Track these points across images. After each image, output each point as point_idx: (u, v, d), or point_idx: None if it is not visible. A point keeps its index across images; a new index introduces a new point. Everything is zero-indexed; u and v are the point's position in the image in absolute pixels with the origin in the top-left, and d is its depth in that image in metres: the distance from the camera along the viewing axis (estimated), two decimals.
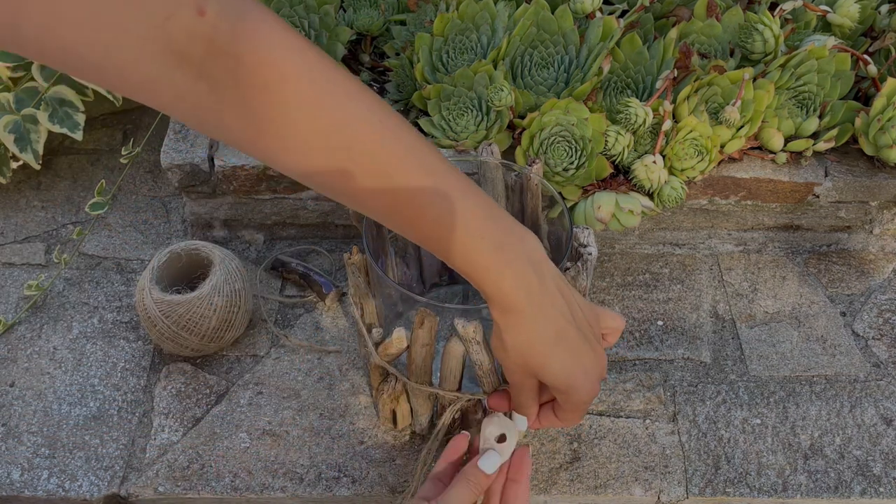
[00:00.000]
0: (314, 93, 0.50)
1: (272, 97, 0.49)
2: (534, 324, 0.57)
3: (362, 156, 0.53)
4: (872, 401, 0.80)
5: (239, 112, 0.49)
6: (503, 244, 0.56)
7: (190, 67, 0.46)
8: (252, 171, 0.87)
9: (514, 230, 0.57)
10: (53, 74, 0.94)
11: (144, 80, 0.45)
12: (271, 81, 0.49)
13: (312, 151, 0.52)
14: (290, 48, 0.49)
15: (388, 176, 0.54)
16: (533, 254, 0.57)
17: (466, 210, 0.55)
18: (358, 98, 0.53)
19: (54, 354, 0.83)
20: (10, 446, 0.76)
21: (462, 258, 0.56)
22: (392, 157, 0.54)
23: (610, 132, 0.83)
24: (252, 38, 0.47)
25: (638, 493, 0.73)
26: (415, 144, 0.55)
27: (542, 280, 0.57)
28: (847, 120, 0.89)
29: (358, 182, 0.54)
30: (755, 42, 0.87)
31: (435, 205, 0.55)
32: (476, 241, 0.55)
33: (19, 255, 0.93)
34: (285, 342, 0.85)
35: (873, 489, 0.74)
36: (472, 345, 0.62)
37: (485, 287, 0.56)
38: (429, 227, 0.56)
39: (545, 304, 0.57)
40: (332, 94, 0.52)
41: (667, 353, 0.85)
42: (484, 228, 0.56)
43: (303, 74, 0.50)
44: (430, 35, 0.90)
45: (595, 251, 0.69)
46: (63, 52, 0.42)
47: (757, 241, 0.95)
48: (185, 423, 0.78)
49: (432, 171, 0.55)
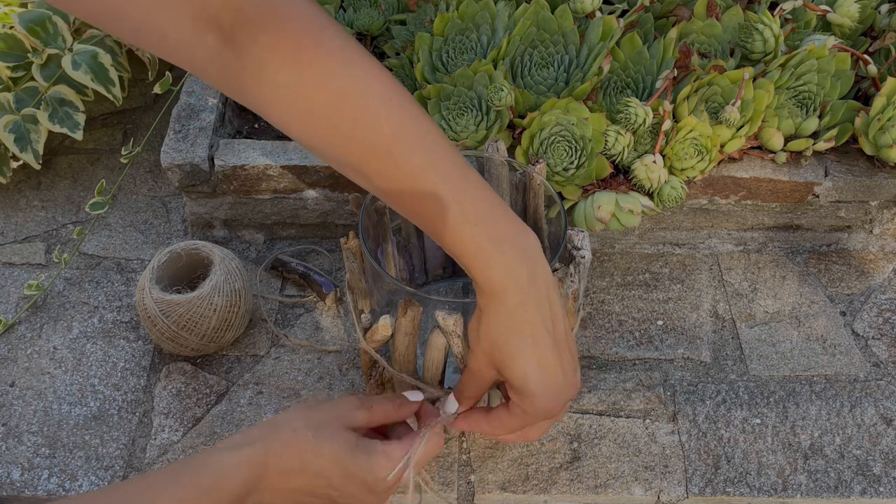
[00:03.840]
0: (329, 65, 0.53)
1: (290, 66, 0.52)
2: (512, 317, 0.57)
3: (366, 131, 0.54)
4: (872, 400, 0.81)
5: (259, 79, 0.53)
6: (498, 235, 0.56)
7: (220, 33, 0.51)
8: (252, 170, 0.87)
9: (513, 225, 0.58)
10: (53, 74, 0.94)
11: (180, 41, 0.50)
12: (290, 51, 0.52)
13: (318, 121, 0.55)
14: (311, 21, 0.52)
15: (391, 154, 0.55)
16: (528, 251, 0.57)
17: (465, 194, 0.56)
18: (371, 74, 0.55)
19: (54, 354, 0.83)
20: (10, 446, 0.76)
21: (453, 239, 0.57)
22: (397, 138, 0.55)
23: (610, 132, 0.83)
24: (277, 9, 0.51)
25: (638, 492, 0.73)
26: (422, 128, 0.56)
27: (532, 278, 0.57)
28: (847, 120, 0.89)
29: (359, 156, 0.56)
30: (755, 42, 0.87)
31: (432, 184, 0.55)
32: (470, 225, 0.56)
33: (19, 255, 0.93)
34: (285, 342, 0.85)
35: (873, 489, 0.74)
36: (453, 337, 0.63)
37: (473, 271, 0.57)
38: (422, 204, 0.57)
39: (528, 303, 0.57)
40: (347, 68, 0.54)
41: (667, 352, 0.85)
42: (479, 215, 0.56)
43: (319, 47, 0.53)
44: (430, 35, 0.90)
45: (589, 254, 0.69)
46: (110, 9, 0.47)
47: (757, 241, 0.95)
48: (185, 422, 0.78)
49: (435, 153, 0.56)
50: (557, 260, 0.68)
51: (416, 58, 0.91)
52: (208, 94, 0.94)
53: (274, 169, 0.87)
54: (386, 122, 0.54)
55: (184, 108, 0.92)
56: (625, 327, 0.87)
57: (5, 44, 0.93)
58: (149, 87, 1.08)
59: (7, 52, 0.94)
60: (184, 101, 0.93)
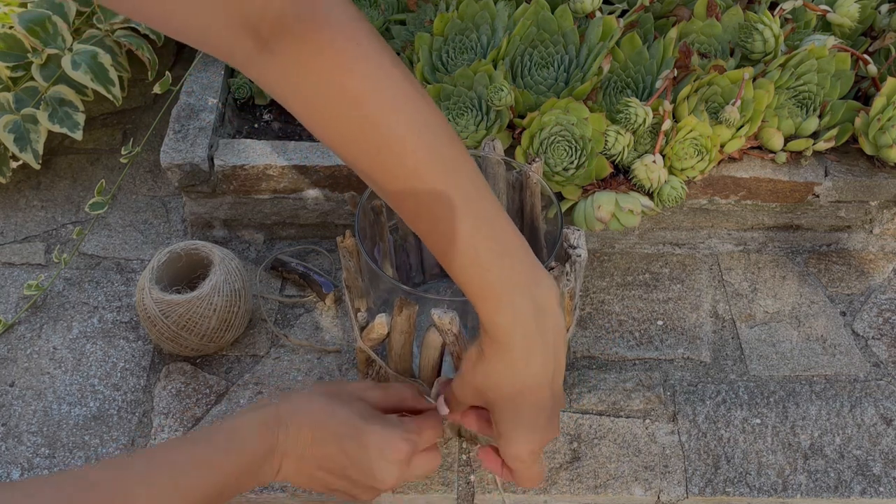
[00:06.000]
0: (360, 84, 0.54)
1: (325, 84, 0.54)
2: (511, 367, 0.56)
3: (390, 155, 0.55)
4: (872, 400, 0.80)
5: (290, 86, 0.55)
6: (513, 280, 0.55)
7: (258, 40, 0.53)
8: (252, 170, 0.87)
9: (530, 270, 0.56)
10: (53, 74, 0.94)
11: (222, 43, 0.53)
12: (326, 70, 0.53)
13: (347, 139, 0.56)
14: (350, 36, 0.54)
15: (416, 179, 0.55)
16: (541, 300, 0.56)
17: (483, 229, 0.55)
18: (409, 106, 0.55)
19: (54, 354, 0.83)
20: (10, 446, 0.76)
21: (463, 276, 0.56)
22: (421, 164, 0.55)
23: (610, 132, 0.83)
24: (318, 21, 0.53)
25: (638, 492, 0.73)
26: (449, 154, 0.56)
27: (541, 331, 0.56)
28: (847, 119, 0.89)
29: (379, 176, 0.56)
30: (755, 42, 0.87)
31: (450, 210, 0.55)
32: (482, 268, 0.55)
33: (19, 255, 0.93)
34: (285, 342, 0.85)
35: (873, 489, 0.74)
36: (448, 336, 0.63)
37: (480, 312, 0.56)
38: (437, 237, 0.56)
39: (534, 355, 0.56)
40: (377, 92, 0.54)
41: (667, 352, 0.85)
42: (494, 256, 0.55)
43: (355, 66, 0.54)
44: (430, 35, 0.90)
45: (585, 254, 0.69)
46: (158, 10, 0.50)
47: (757, 241, 0.95)
48: (185, 422, 0.78)
49: (462, 191, 0.55)
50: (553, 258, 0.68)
51: (415, 58, 0.91)
52: (208, 94, 0.94)
53: (274, 169, 0.87)
54: (412, 151, 0.54)
55: (183, 108, 0.92)
56: (625, 327, 0.87)
57: (5, 44, 0.93)
58: (148, 87, 1.08)
59: (7, 52, 0.94)
60: (183, 101, 0.93)
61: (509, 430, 0.59)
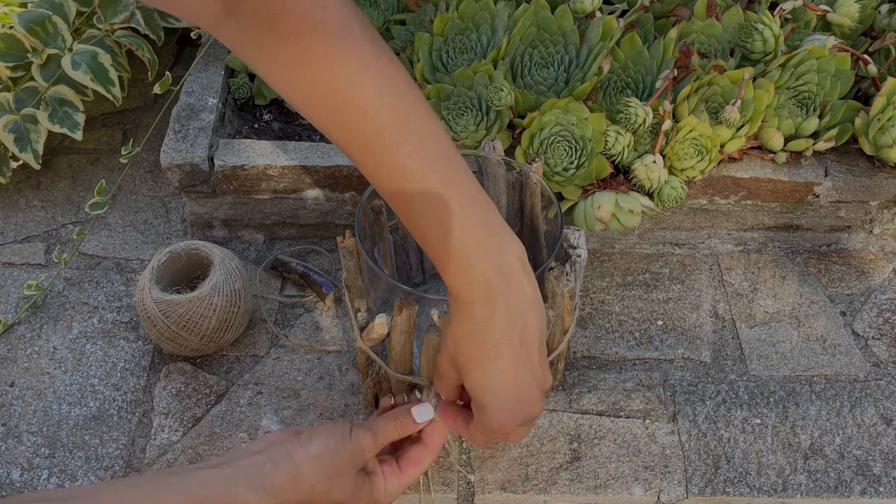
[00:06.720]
0: (326, 53, 0.54)
1: (288, 48, 0.54)
2: (475, 328, 0.56)
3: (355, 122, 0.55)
4: (872, 401, 0.80)
5: (260, 54, 0.55)
6: (475, 246, 0.55)
7: (226, 5, 0.53)
8: (252, 170, 0.87)
9: (496, 237, 0.56)
10: (53, 74, 0.94)
11: (192, 4, 0.53)
12: (291, 34, 0.53)
13: (312, 105, 0.56)
14: (316, 5, 0.53)
15: (375, 148, 0.55)
16: (507, 267, 0.56)
17: (448, 199, 0.55)
18: (373, 68, 0.55)
19: (54, 354, 0.83)
20: (10, 446, 0.76)
21: (425, 242, 0.57)
22: (386, 131, 0.55)
23: (610, 132, 0.83)
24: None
25: (638, 492, 0.73)
26: (416, 125, 0.56)
27: (505, 294, 0.56)
28: (847, 120, 0.89)
29: (347, 146, 0.57)
30: (755, 42, 0.87)
31: (419, 179, 0.55)
32: (446, 231, 0.55)
33: (19, 255, 0.93)
34: (285, 342, 0.85)
35: (873, 489, 0.74)
36: None
37: (443, 275, 0.57)
38: (402, 202, 0.56)
39: (496, 318, 0.56)
40: (343, 55, 0.54)
41: (667, 352, 0.85)
42: (459, 220, 0.55)
43: (317, 31, 0.53)
44: (430, 35, 0.90)
45: (585, 254, 0.69)
46: None
47: (757, 241, 0.95)
48: (184, 422, 0.78)
49: (425, 153, 0.55)
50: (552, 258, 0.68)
51: (415, 58, 0.91)
52: (208, 95, 0.94)
53: (274, 169, 0.87)
54: (374, 116, 0.54)
55: (183, 108, 0.92)
56: (625, 327, 0.87)
57: (5, 44, 0.93)
58: (148, 87, 1.08)
59: (7, 52, 0.94)
60: (183, 101, 0.93)
61: (478, 395, 0.59)
